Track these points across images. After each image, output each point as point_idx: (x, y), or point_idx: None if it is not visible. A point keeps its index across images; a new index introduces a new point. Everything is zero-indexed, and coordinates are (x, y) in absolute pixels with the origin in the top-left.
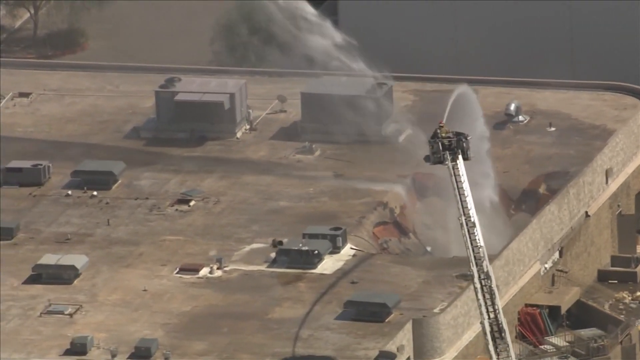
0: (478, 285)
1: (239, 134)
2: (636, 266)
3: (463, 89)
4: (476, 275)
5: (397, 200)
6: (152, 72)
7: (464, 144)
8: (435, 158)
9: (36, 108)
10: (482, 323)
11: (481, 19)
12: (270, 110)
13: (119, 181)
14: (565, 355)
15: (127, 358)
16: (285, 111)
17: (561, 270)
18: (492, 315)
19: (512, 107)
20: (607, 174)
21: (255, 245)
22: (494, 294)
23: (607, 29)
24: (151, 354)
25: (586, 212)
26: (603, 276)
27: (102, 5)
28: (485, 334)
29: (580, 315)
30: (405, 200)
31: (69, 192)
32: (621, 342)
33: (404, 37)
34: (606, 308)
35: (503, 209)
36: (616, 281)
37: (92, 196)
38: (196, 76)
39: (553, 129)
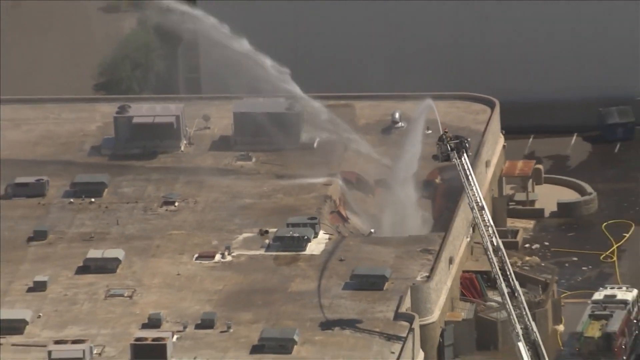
0: (493, 258)
1: (182, 148)
2: (513, 237)
3: (430, 102)
4: (491, 249)
5: (336, 193)
6: (81, 103)
7: (466, 144)
8: (444, 157)
9: (2, 135)
10: (499, 287)
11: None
12: (196, 127)
13: (106, 190)
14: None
15: (195, 329)
16: (209, 128)
17: (477, 243)
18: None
19: (397, 115)
20: (487, 164)
21: (245, 235)
22: (506, 261)
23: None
24: (214, 324)
25: None
26: None
27: None
28: (502, 295)
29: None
30: (340, 193)
31: (71, 200)
32: (549, 297)
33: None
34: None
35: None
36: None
37: (91, 202)
38: (134, 103)
39: (430, 131)
